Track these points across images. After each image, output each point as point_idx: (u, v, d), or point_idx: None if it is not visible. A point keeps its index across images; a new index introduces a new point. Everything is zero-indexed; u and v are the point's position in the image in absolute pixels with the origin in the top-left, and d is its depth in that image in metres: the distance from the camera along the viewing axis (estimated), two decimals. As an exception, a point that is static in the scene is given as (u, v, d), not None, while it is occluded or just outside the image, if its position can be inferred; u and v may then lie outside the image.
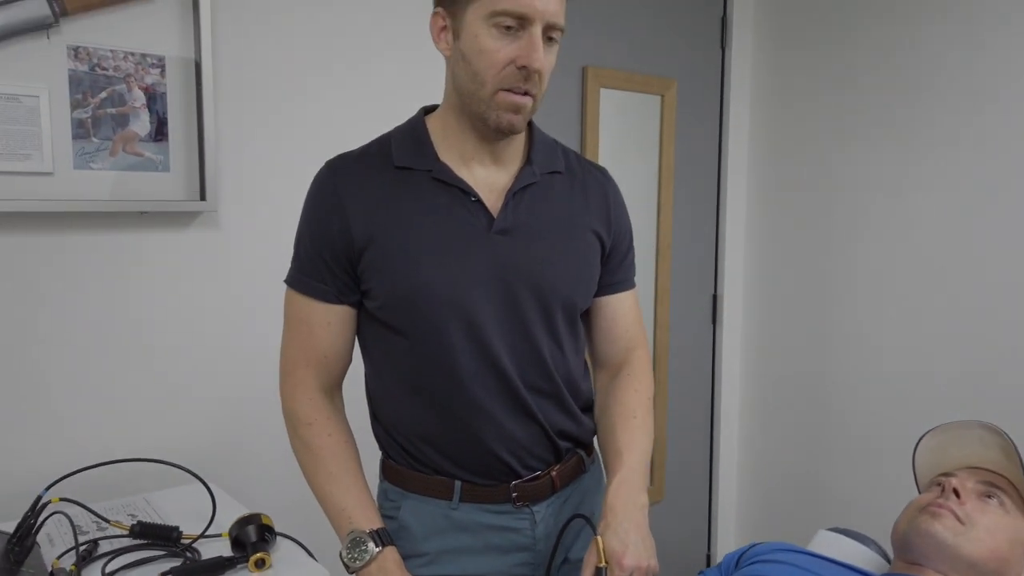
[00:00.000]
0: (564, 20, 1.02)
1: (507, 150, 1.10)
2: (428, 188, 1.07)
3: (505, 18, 0.97)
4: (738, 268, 2.72)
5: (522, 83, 1.00)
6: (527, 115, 1.04)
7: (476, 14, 0.98)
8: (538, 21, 0.97)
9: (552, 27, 0.99)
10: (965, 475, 1.07)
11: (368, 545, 1.03)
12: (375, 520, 1.07)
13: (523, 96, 1.01)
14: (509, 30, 0.97)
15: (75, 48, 1.42)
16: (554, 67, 1.06)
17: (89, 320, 1.50)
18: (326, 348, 1.10)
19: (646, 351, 1.25)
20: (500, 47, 0.98)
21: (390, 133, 1.13)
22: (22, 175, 1.39)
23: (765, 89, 2.61)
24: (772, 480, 2.67)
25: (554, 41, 1.02)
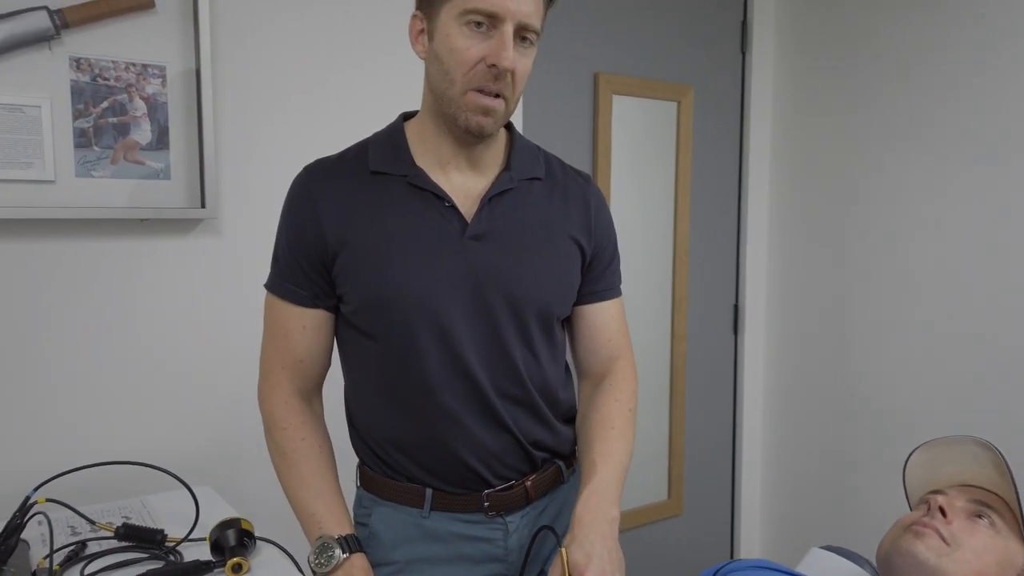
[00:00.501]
0: (540, 23, 1.01)
1: (485, 155, 1.09)
2: (403, 193, 1.06)
3: (476, 15, 0.96)
4: (760, 277, 2.66)
5: (492, 83, 0.98)
6: (499, 118, 1.03)
7: (449, 14, 0.98)
8: (509, 20, 0.96)
9: (525, 28, 0.98)
10: (955, 493, 1.02)
11: (335, 551, 1.03)
12: (345, 526, 1.07)
13: (493, 98, 1.00)
14: (480, 28, 0.96)
15: (77, 59, 1.46)
16: (530, 72, 1.04)
17: (90, 326, 1.54)
18: (302, 352, 1.11)
19: (630, 362, 1.23)
20: (470, 45, 0.97)
21: (368, 139, 1.13)
22: (25, 183, 1.43)
23: (787, 94, 2.56)
24: (797, 494, 2.60)
25: (529, 43, 1.00)
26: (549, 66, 2.15)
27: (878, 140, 2.28)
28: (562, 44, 2.17)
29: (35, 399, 1.50)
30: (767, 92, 2.60)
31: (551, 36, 2.14)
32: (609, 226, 1.20)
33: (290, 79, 1.70)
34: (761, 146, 2.61)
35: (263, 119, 1.68)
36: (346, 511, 1.10)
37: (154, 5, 1.52)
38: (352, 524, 1.09)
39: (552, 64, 2.15)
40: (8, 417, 1.47)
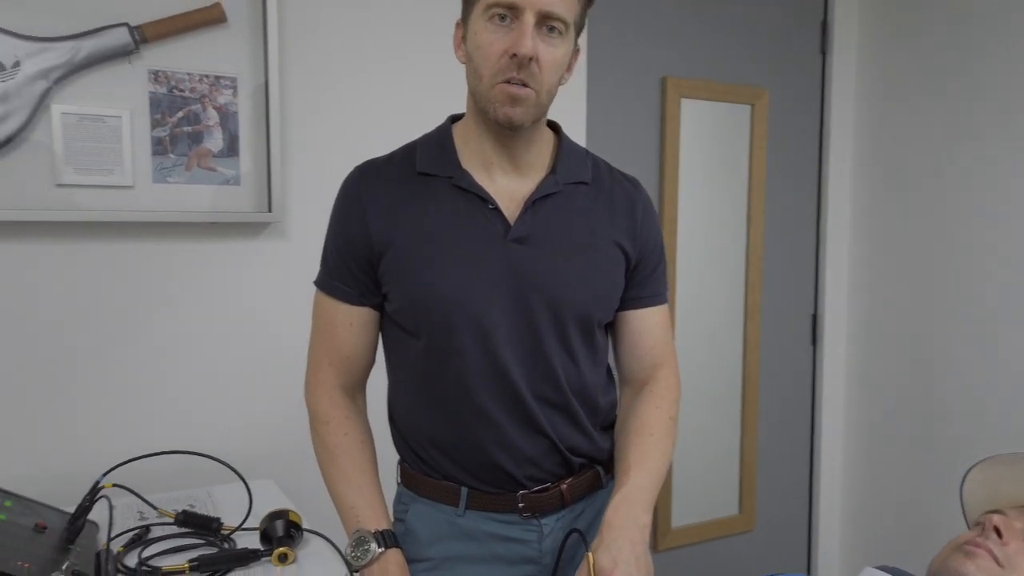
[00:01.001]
0: (571, 14, 1.00)
1: (529, 157, 1.09)
2: (448, 195, 1.08)
3: (497, 8, 0.97)
4: (841, 286, 2.55)
5: (516, 72, 0.98)
6: (529, 108, 1.01)
7: (477, 11, 1.00)
8: (528, 9, 0.96)
9: (549, 16, 0.98)
10: (1015, 514, 0.95)
11: (371, 545, 1.05)
12: (382, 521, 1.09)
13: (520, 87, 0.99)
14: (503, 21, 0.98)
15: (155, 72, 1.56)
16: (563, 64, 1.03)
17: (164, 322, 1.62)
18: (348, 349, 1.13)
19: (673, 370, 1.20)
20: (494, 40, 0.98)
21: (418, 140, 1.15)
22: (106, 188, 1.53)
23: (871, 97, 2.45)
24: (880, 513, 2.47)
25: (557, 33, 1.00)
26: (615, 70, 2.14)
27: (970, 146, 2.15)
28: (629, 48, 2.15)
29: (113, 391, 1.59)
30: (849, 95, 2.50)
31: (617, 40, 2.13)
32: (656, 232, 1.18)
33: (352, 89, 1.76)
34: (842, 151, 2.51)
35: (327, 127, 1.74)
36: (384, 506, 1.12)
37: (226, 19, 1.60)
38: (390, 520, 1.11)
39: (618, 68, 2.14)
40: (87, 407, 1.57)
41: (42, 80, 1.46)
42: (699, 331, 2.34)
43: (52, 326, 1.53)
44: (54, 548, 1.15)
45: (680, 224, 2.26)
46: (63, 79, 1.48)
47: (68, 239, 1.53)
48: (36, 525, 1.19)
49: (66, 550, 1.17)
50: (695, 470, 2.37)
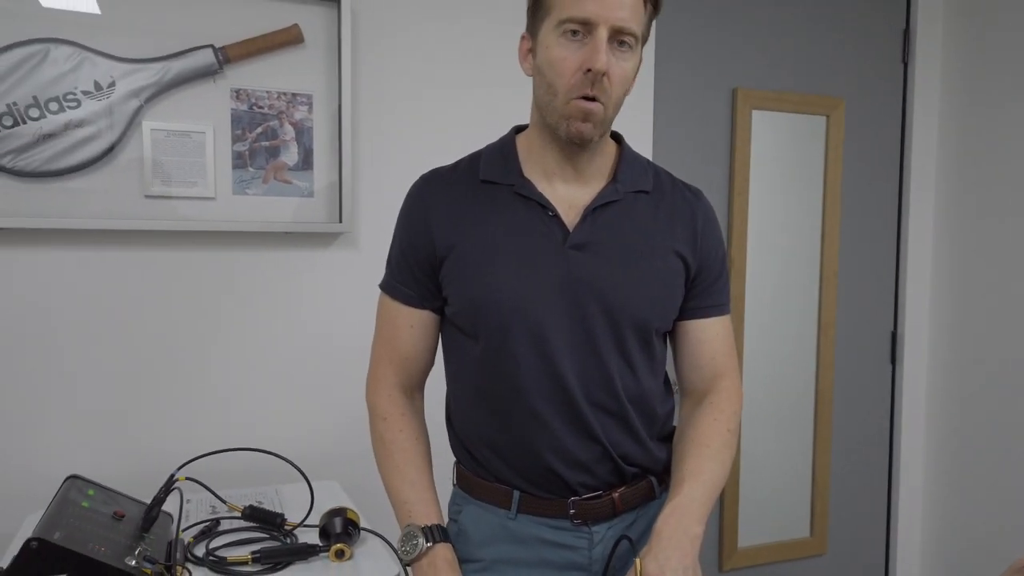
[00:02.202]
0: (640, 27, 1.01)
1: (590, 167, 1.11)
2: (509, 202, 1.10)
3: (571, 24, 0.99)
4: (922, 303, 2.45)
5: (590, 88, 1.00)
6: (598, 123, 1.03)
7: (548, 27, 1.02)
8: (602, 25, 0.98)
9: (621, 31, 0.99)
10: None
11: (419, 540, 1.07)
12: (433, 516, 1.11)
13: (591, 102, 1.01)
14: (576, 36, 0.99)
15: (236, 90, 1.65)
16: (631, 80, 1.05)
17: (241, 327, 1.71)
18: (407, 349, 1.17)
19: (734, 382, 1.18)
20: (568, 55, 1.00)
21: (482, 149, 1.18)
22: (190, 199, 1.63)
23: (957, 107, 2.36)
24: (964, 544, 2.35)
25: (628, 47, 1.01)
26: (684, 81, 2.13)
27: (1060, 153, 2.05)
28: (698, 59, 2.14)
29: (192, 391, 1.68)
30: (932, 105, 2.41)
31: (687, 51, 2.13)
32: (717, 242, 1.17)
33: (420, 105, 1.82)
34: (925, 163, 2.42)
35: (395, 142, 1.80)
36: (436, 502, 1.14)
37: (303, 40, 1.69)
38: (441, 515, 1.13)
39: (687, 79, 2.13)
40: (168, 406, 1.67)
41: (134, 99, 1.58)
42: (770, 348, 2.29)
43: (139, 329, 1.63)
44: (130, 535, 1.23)
45: (750, 238, 2.23)
46: (153, 98, 1.59)
47: (155, 247, 1.63)
48: (115, 513, 1.27)
49: (141, 537, 1.24)
50: (764, 490, 2.31)
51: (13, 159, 1.51)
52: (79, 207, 1.56)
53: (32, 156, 1.52)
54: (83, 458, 1.60)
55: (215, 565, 1.23)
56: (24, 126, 1.51)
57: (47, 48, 1.51)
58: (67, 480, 1.34)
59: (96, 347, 1.60)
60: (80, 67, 1.54)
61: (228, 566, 1.22)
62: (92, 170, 1.56)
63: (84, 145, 1.55)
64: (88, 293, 1.59)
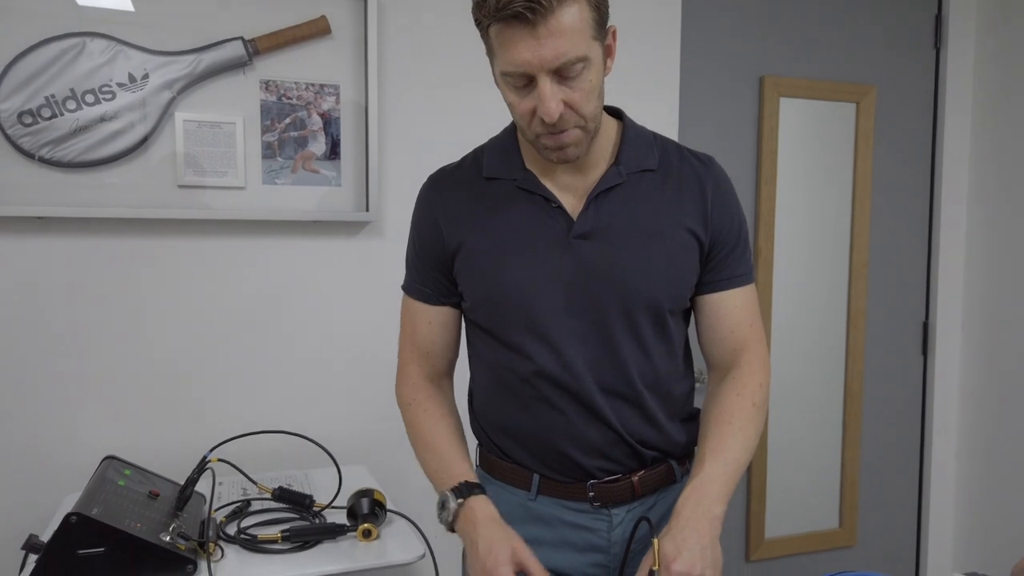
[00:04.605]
0: (582, 44, 0.94)
1: (591, 154, 1.10)
2: (513, 197, 1.11)
3: (511, 78, 0.98)
4: (955, 293, 2.41)
5: (551, 128, 0.99)
6: (581, 143, 1.03)
7: (496, 73, 1.02)
8: (540, 73, 0.94)
9: (562, 68, 0.94)
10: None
11: (449, 502, 1.06)
12: (460, 475, 1.08)
13: (561, 135, 1.00)
14: (522, 87, 0.98)
15: (266, 82, 1.68)
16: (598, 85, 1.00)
17: (272, 313, 1.74)
18: (428, 345, 1.19)
19: (758, 353, 1.15)
20: (519, 101, 0.99)
21: (485, 144, 1.19)
22: (221, 189, 1.67)
23: (990, 94, 2.32)
24: (997, 538, 2.32)
25: (577, 73, 0.96)
26: (711, 70, 2.12)
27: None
28: (725, 47, 2.13)
29: (223, 376, 1.72)
30: (966, 92, 2.37)
31: (713, 40, 2.12)
32: (731, 211, 1.14)
33: (445, 95, 1.83)
34: (958, 150, 2.38)
35: (421, 132, 1.82)
36: (465, 461, 1.11)
37: (330, 31, 1.71)
38: (471, 472, 1.10)
39: (714, 67, 2.12)
40: (200, 390, 1.71)
41: (167, 90, 1.61)
42: (799, 338, 2.27)
43: (172, 314, 1.67)
44: (165, 513, 1.27)
45: (778, 228, 2.21)
46: (185, 89, 1.62)
47: (188, 235, 1.67)
48: (150, 492, 1.31)
49: (175, 515, 1.28)
50: (792, 480, 2.30)
51: (51, 150, 1.55)
52: (115, 196, 1.60)
53: (69, 147, 1.56)
54: (120, 440, 1.65)
55: (246, 543, 1.26)
56: (61, 118, 1.55)
57: (83, 42, 1.56)
58: (104, 460, 1.39)
59: (131, 332, 1.65)
60: (115, 60, 1.58)
61: (259, 544, 1.26)
62: (127, 160, 1.60)
63: (119, 136, 1.59)
64: (123, 280, 1.64)
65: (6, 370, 1.58)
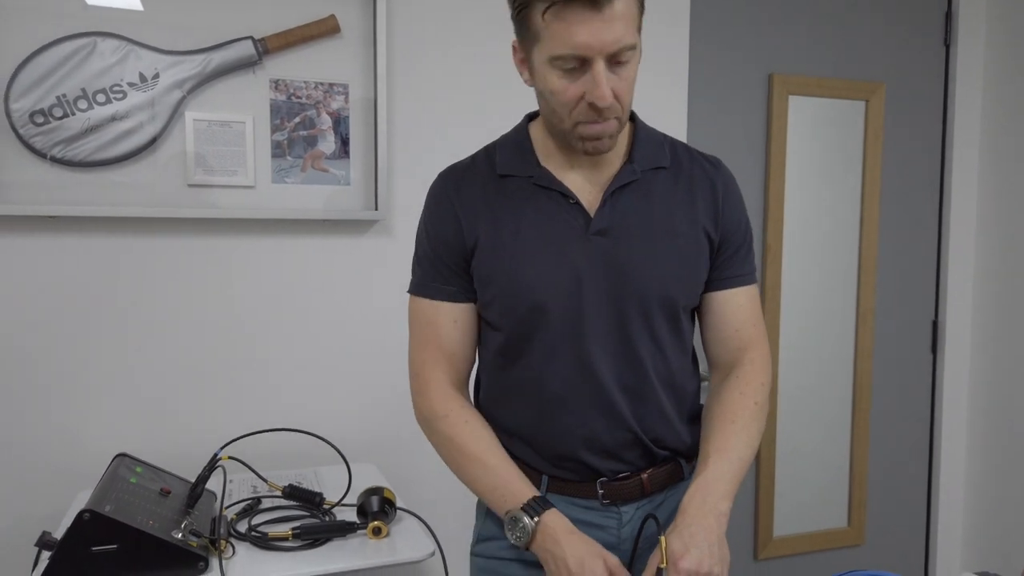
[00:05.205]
0: (633, 32, 0.97)
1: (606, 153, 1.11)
2: (529, 194, 1.11)
3: (564, 61, 0.97)
4: (965, 292, 2.41)
5: (596, 116, 1.00)
6: (614, 135, 1.04)
7: (540, 58, 1.00)
8: (597, 57, 0.95)
9: (617, 53, 0.96)
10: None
11: (523, 520, 1.03)
12: (527, 492, 1.06)
13: (602, 124, 1.01)
14: (572, 71, 0.98)
15: (275, 81, 1.69)
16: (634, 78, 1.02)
17: (282, 312, 1.75)
18: (453, 346, 1.14)
19: (760, 353, 1.16)
20: (567, 87, 0.99)
21: (497, 141, 1.18)
22: (231, 188, 1.67)
23: (1000, 91, 2.31)
24: (1007, 538, 2.31)
25: (625, 63, 0.99)
26: (719, 67, 2.12)
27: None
28: (734, 45, 2.13)
29: (233, 374, 1.73)
30: (976, 89, 2.36)
31: (722, 37, 2.11)
32: (739, 212, 1.16)
33: (454, 95, 1.84)
34: (967, 147, 2.37)
35: (430, 131, 1.82)
36: (523, 477, 1.09)
37: (340, 31, 1.71)
38: (532, 487, 1.08)
39: (722, 65, 2.12)
40: (210, 388, 1.71)
41: (177, 90, 1.62)
42: (808, 336, 2.27)
43: (182, 313, 1.68)
44: (176, 510, 1.28)
45: (787, 225, 2.21)
46: (195, 88, 1.63)
47: (198, 234, 1.68)
48: (162, 490, 1.32)
49: (186, 513, 1.29)
50: (801, 479, 2.29)
51: (63, 149, 1.56)
52: (125, 195, 1.61)
53: (81, 146, 1.57)
54: (131, 437, 1.66)
55: (257, 540, 1.27)
56: (73, 117, 1.56)
57: (94, 41, 1.56)
58: (116, 458, 1.40)
59: (142, 331, 1.66)
60: (126, 60, 1.59)
61: (270, 541, 1.26)
62: (137, 160, 1.61)
63: (130, 135, 1.60)
64: (134, 279, 1.64)
65: (18, 368, 1.59)
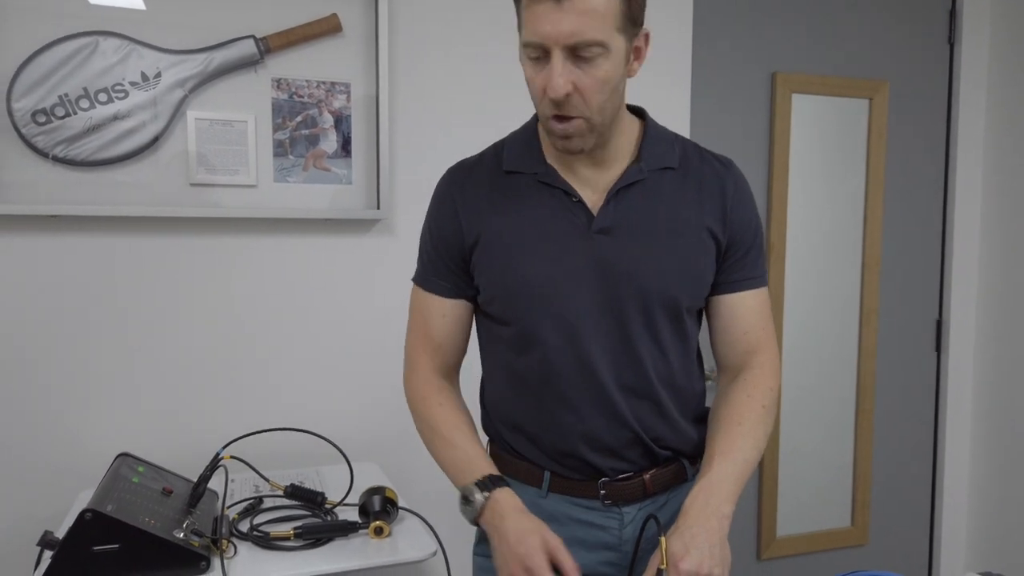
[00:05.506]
0: (603, 30, 0.96)
1: (610, 150, 1.10)
2: (534, 191, 1.11)
3: (530, 49, 0.98)
4: (969, 290, 2.40)
5: (557, 109, 1.00)
6: (585, 136, 1.03)
7: (521, 45, 1.02)
8: (554, 47, 0.95)
9: (577, 47, 0.95)
10: None
11: (475, 496, 1.04)
12: (483, 468, 1.08)
13: (566, 122, 1.01)
14: (538, 60, 0.99)
15: (277, 80, 1.68)
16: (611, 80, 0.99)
17: (284, 311, 1.75)
18: (441, 338, 1.18)
19: (769, 356, 1.16)
20: (533, 76, 1.00)
21: (506, 138, 1.19)
22: (232, 187, 1.67)
23: (1005, 89, 2.30)
24: (1011, 538, 2.30)
25: (592, 59, 0.97)
26: (722, 65, 2.11)
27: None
28: (737, 42, 2.12)
29: (234, 374, 1.73)
30: (980, 87, 2.35)
31: (725, 35, 2.11)
32: (749, 214, 1.15)
33: (456, 94, 1.83)
34: (972, 146, 2.36)
35: (432, 130, 1.82)
36: (485, 456, 1.11)
37: (341, 29, 1.71)
38: (492, 466, 1.10)
39: (725, 64, 2.11)
40: (211, 388, 1.71)
41: (179, 89, 1.62)
42: (811, 335, 2.26)
43: (184, 312, 1.68)
44: (178, 510, 1.28)
45: (791, 224, 2.20)
46: (197, 88, 1.63)
47: (200, 234, 1.67)
48: (164, 489, 1.32)
49: (188, 512, 1.29)
50: (804, 479, 2.29)
51: (65, 148, 1.56)
52: (127, 195, 1.61)
53: (83, 146, 1.57)
54: (133, 437, 1.66)
55: (259, 540, 1.27)
56: (75, 116, 1.56)
57: (96, 41, 1.56)
58: (118, 457, 1.40)
59: (144, 330, 1.66)
60: (128, 59, 1.58)
61: (271, 541, 1.26)
62: (139, 159, 1.61)
63: (132, 134, 1.60)
64: (136, 278, 1.64)
65: (20, 367, 1.59)
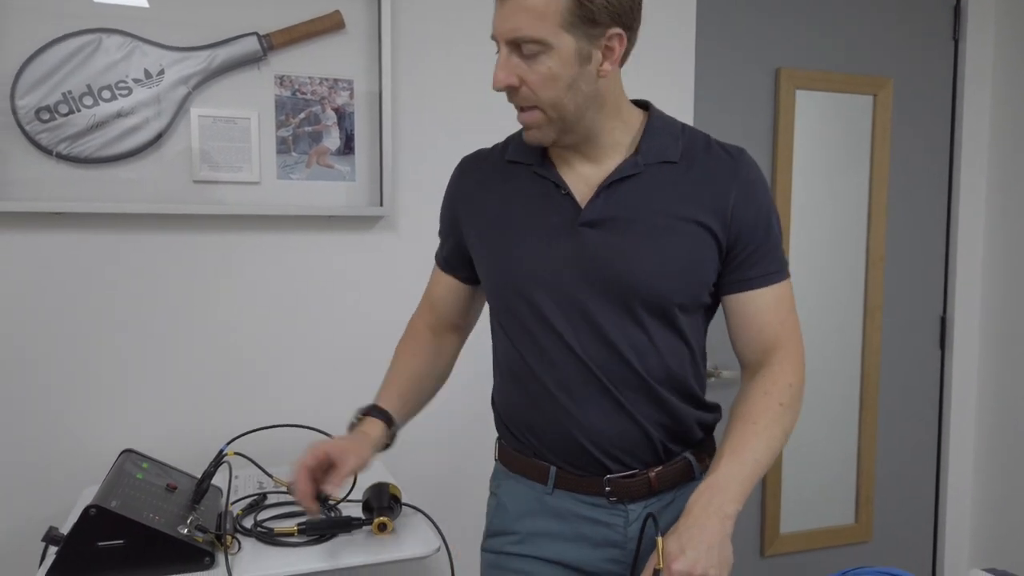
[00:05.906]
0: (542, 28, 0.98)
1: (604, 143, 1.10)
2: (528, 182, 1.12)
3: (494, 42, 1.05)
4: (974, 287, 2.39)
5: (512, 101, 1.06)
6: (545, 128, 1.05)
7: None
8: (500, 41, 1.02)
9: (516, 42, 1.00)
10: None
11: (353, 420, 1.21)
12: (383, 401, 1.22)
13: (524, 112, 1.06)
14: (498, 53, 1.04)
15: (280, 77, 1.68)
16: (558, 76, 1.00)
17: (287, 307, 1.75)
18: (439, 305, 1.30)
19: (789, 352, 1.12)
20: (495, 69, 1.05)
21: (518, 131, 1.20)
22: (236, 184, 1.67)
23: (1009, 86, 2.29)
24: (1016, 535, 2.30)
25: (535, 55, 1.00)
26: (726, 61, 2.11)
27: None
28: (740, 38, 2.12)
29: (238, 370, 1.73)
30: (985, 84, 2.34)
31: (728, 31, 2.10)
32: (758, 208, 1.10)
33: (459, 91, 1.83)
34: (976, 143, 2.35)
35: (435, 127, 1.82)
36: (393, 393, 1.24)
37: (344, 26, 1.71)
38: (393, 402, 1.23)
39: (729, 59, 2.11)
40: (215, 384, 1.72)
41: (182, 86, 1.62)
42: (815, 332, 2.26)
43: (188, 309, 1.68)
44: (182, 506, 1.28)
45: (794, 220, 2.20)
46: (200, 84, 1.63)
47: (203, 231, 1.68)
48: (168, 485, 1.32)
49: (192, 508, 1.29)
50: (808, 475, 2.29)
51: (68, 146, 1.56)
52: (130, 192, 1.61)
53: (86, 143, 1.57)
54: (137, 433, 1.66)
55: (263, 536, 1.27)
56: (78, 114, 1.56)
57: (99, 38, 1.56)
58: (122, 454, 1.40)
59: (148, 327, 1.66)
60: (131, 56, 1.59)
61: (275, 536, 1.26)
62: (143, 156, 1.61)
63: (135, 132, 1.60)
64: (139, 275, 1.64)
65: (24, 365, 1.59)
